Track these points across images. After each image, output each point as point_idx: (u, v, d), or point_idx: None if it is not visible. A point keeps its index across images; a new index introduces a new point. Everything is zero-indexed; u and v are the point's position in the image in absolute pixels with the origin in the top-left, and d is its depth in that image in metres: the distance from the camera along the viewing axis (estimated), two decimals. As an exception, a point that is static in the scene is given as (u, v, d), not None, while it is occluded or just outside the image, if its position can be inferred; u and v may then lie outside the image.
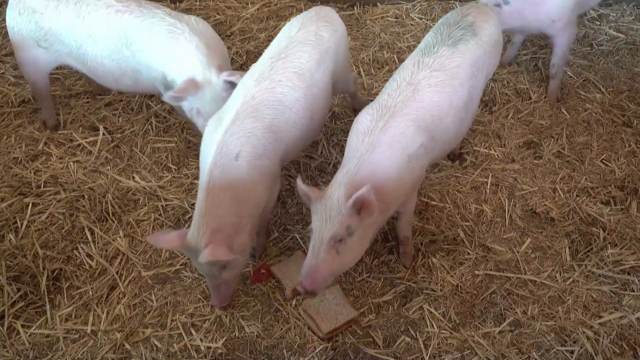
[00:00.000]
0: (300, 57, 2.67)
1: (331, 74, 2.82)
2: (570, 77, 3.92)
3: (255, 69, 2.68)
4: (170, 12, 2.97)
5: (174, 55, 2.85)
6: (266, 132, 2.49)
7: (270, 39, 4.21)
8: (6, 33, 4.16)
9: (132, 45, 2.92)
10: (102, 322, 2.62)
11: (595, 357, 2.51)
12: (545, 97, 3.76)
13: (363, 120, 2.51)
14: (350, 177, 2.33)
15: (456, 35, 2.74)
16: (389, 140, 2.41)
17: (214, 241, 2.30)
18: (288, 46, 2.70)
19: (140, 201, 3.11)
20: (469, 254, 2.92)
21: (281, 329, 2.62)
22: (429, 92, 2.56)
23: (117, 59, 2.98)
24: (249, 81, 2.60)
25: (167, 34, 2.86)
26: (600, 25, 4.36)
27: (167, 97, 2.74)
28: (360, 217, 2.26)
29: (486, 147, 3.45)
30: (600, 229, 3.00)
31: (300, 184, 2.32)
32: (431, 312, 2.68)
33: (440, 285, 2.79)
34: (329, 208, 2.27)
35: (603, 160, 3.38)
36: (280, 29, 3.10)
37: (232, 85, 2.72)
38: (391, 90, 2.58)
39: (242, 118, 2.46)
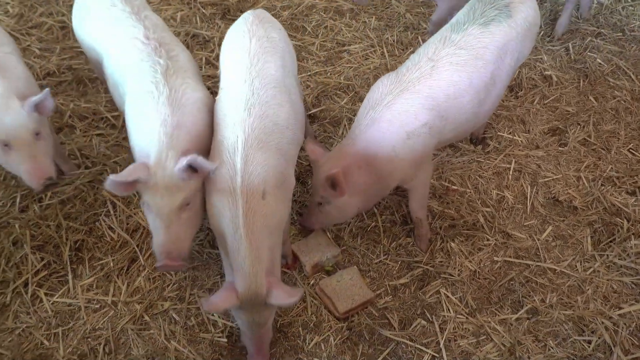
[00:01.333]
0: (269, 69, 2.46)
1: (288, 72, 2.63)
2: (600, 64, 3.82)
3: (236, 96, 2.37)
4: (168, 65, 2.45)
5: (139, 122, 2.37)
6: (278, 158, 2.31)
7: (293, 17, 4.17)
8: (30, 7, 4.19)
9: (120, 87, 2.59)
10: (122, 294, 2.67)
11: (613, 348, 2.49)
12: (572, 84, 3.67)
13: (376, 90, 2.58)
14: (343, 152, 2.52)
15: (489, 14, 2.66)
16: (389, 116, 2.48)
17: (274, 284, 2.16)
18: (252, 62, 2.45)
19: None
20: (488, 239, 2.89)
21: (298, 307, 2.64)
22: (448, 70, 2.53)
23: (114, 84, 2.69)
24: (240, 114, 2.31)
25: (145, 93, 2.38)
26: (634, 10, 4.23)
27: (107, 184, 2.12)
28: (334, 193, 2.46)
29: (510, 133, 3.39)
30: (625, 220, 2.95)
31: (307, 143, 2.59)
32: (448, 297, 2.68)
33: (458, 270, 2.77)
34: (317, 175, 2.53)
35: (630, 150, 3.31)
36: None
37: (193, 171, 2.20)
38: (411, 64, 2.58)
39: (251, 154, 2.23)
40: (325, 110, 3.52)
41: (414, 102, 2.48)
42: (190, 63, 2.61)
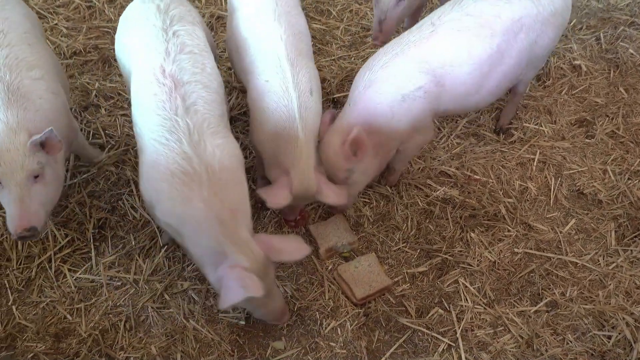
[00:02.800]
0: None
1: None
2: (632, 54, 3.71)
3: (262, 9, 2.66)
4: (189, 128, 2.24)
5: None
6: (311, 60, 2.69)
7: (318, 1, 4.13)
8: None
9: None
10: (143, 272, 2.72)
11: (633, 344, 2.46)
12: (602, 74, 3.58)
13: (376, 54, 2.59)
14: (345, 120, 2.52)
15: None
16: (384, 76, 2.47)
17: (322, 182, 2.47)
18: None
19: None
20: (509, 231, 2.86)
21: (315, 291, 2.66)
22: (446, 36, 2.48)
23: None
24: (271, 24, 2.62)
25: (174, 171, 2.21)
26: (670, -1, 4.09)
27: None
28: (357, 158, 2.46)
29: (536, 123, 3.33)
30: (651, 215, 2.89)
31: (325, 114, 2.60)
32: (466, 287, 2.67)
33: (478, 260, 2.76)
34: (327, 153, 2.51)
35: (660, 144, 3.23)
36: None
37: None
38: (415, 27, 2.56)
39: (293, 57, 2.55)
40: (345, 98, 3.49)
41: (407, 64, 2.47)
42: (211, 105, 2.34)
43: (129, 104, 3.42)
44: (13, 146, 2.22)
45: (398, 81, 2.47)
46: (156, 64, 2.34)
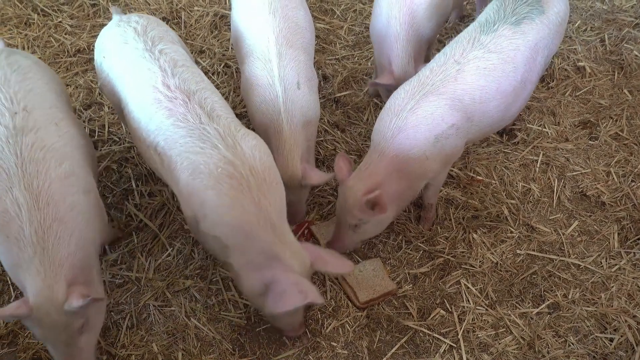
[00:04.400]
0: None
1: None
2: (637, 56, 3.70)
3: (257, 2, 2.70)
4: (219, 132, 2.17)
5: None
6: (305, 55, 2.71)
7: (322, 0, 4.13)
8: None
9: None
10: (145, 270, 2.72)
11: (635, 347, 2.45)
12: (606, 76, 3.57)
13: (396, 97, 2.50)
14: (373, 168, 2.44)
15: (521, 12, 2.56)
16: (415, 122, 2.40)
17: (308, 169, 2.55)
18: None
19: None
20: (511, 232, 2.86)
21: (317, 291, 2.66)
22: (474, 75, 2.45)
23: None
24: (265, 16, 2.65)
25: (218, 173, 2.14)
26: (675, 0, 4.08)
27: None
28: (373, 213, 2.40)
29: (539, 125, 3.32)
30: (654, 217, 2.88)
31: (338, 159, 2.53)
32: (468, 288, 2.66)
33: (480, 262, 2.75)
34: (347, 197, 2.45)
35: (664, 146, 3.22)
36: None
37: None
38: (435, 66, 2.50)
39: (283, 51, 2.59)
40: (349, 96, 3.50)
41: (439, 103, 2.40)
42: (227, 109, 2.33)
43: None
44: (52, 309, 1.92)
45: (430, 123, 2.40)
46: (157, 82, 2.26)
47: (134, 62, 2.36)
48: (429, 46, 3.26)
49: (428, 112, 2.40)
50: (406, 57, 2.95)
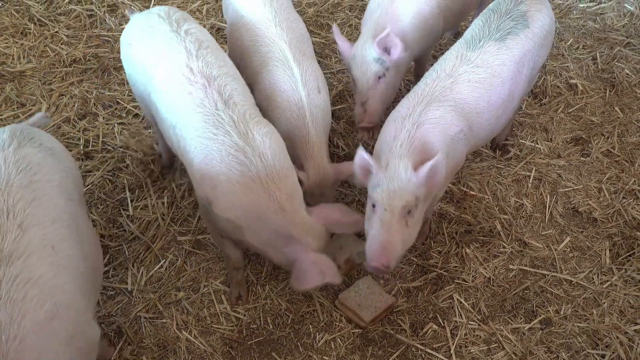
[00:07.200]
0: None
1: None
2: (628, 74, 3.75)
3: (262, 17, 2.77)
4: (232, 119, 2.29)
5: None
6: (314, 60, 2.83)
7: (318, 14, 4.16)
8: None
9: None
10: (137, 282, 2.70)
11: (627, 364, 2.46)
12: (598, 94, 3.62)
13: (399, 109, 2.48)
14: (407, 149, 2.31)
15: (505, 27, 2.60)
16: (429, 121, 2.40)
17: (335, 165, 2.68)
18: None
19: (182, 165, 3.16)
20: (504, 247, 2.87)
21: (309, 306, 2.65)
22: (467, 87, 2.49)
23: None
24: (273, 30, 2.75)
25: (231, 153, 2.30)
26: (665, 20, 4.15)
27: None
28: (425, 189, 2.28)
29: (532, 141, 3.35)
30: (645, 234, 2.90)
31: (363, 154, 2.28)
32: (461, 302, 2.66)
33: (472, 276, 2.76)
34: (396, 179, 2.23)
35: (655, 163, 3.25)
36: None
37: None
38: (430, 80, 2.52)
39: (298, 57, 2.69)
40: (344, 110, 3.52)
41: (446, 108, 2.43)
42: (244, 96, 2.41)
43: (127, 112, 3.45)
44: None
45: (443, 124, 2.40)
46: (181, 63, 2.35)
47: (164, 44, 2.44)
48: (421, 63, 3.30)
49: (439, 115, 2.40)
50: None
